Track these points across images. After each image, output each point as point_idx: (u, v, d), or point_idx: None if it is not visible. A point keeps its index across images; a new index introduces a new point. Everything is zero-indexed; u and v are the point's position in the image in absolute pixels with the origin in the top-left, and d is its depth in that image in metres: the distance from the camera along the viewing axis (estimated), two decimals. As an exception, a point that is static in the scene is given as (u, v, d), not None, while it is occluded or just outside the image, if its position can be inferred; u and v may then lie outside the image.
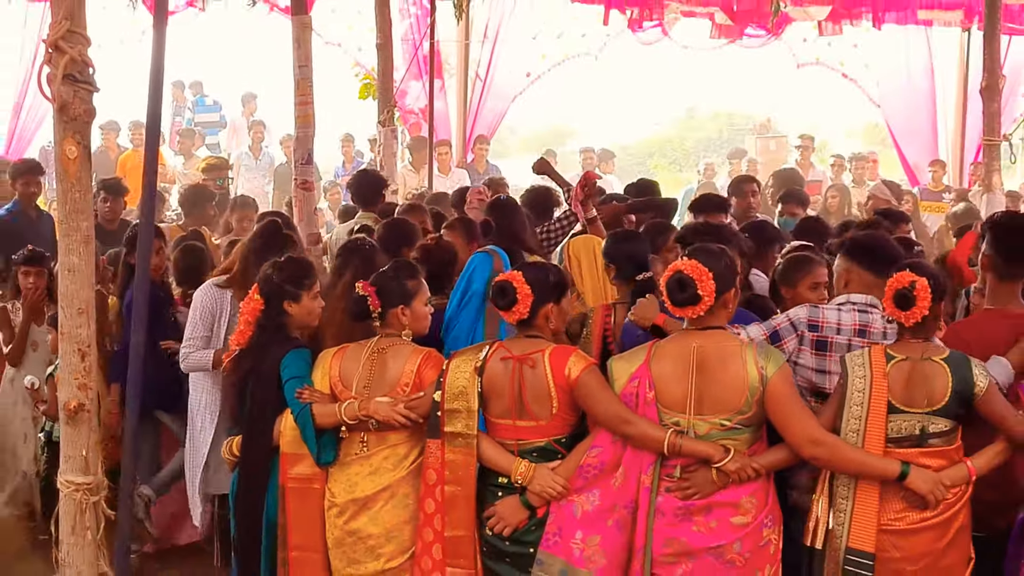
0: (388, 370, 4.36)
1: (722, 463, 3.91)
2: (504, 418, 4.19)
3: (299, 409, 4.28)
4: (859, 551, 4.15)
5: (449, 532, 4.16)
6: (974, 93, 11.38)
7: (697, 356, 4.01)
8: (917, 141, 14.67)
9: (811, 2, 12.84)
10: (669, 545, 4.03)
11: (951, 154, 14.00)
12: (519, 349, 4.18)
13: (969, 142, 13.09)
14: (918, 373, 4.09)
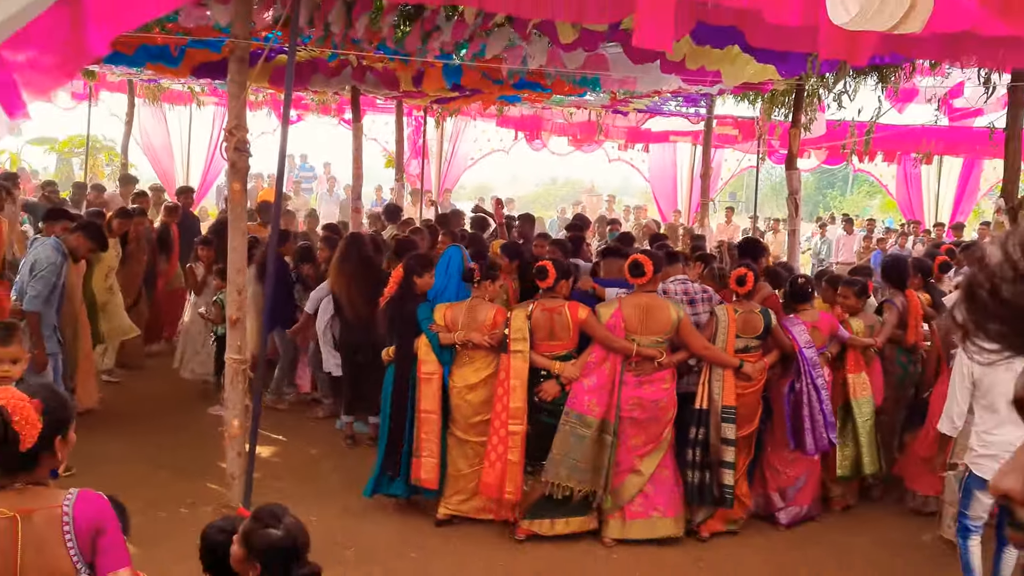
0: (477, 317, 5.57)
1: (657, 359, 5.47)
2: (543, 341, 5.52)
3: (432, 336, 5.54)
4: (728, 406, 5.63)
5: (513, 405, 5.41)
6: (696, 176, 15.82)
7: (644, 305, 5.47)
8: (666, 199, 19.36)
9: (616, 136, 17.40)
10: (633, 400, 5.49)
11: (684, 206, 18.51)
12: (550, 304, 5.54)
13: (693, 201, 17.27)
14: (748, 317, 5.74)
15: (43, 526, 2.37)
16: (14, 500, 2.36)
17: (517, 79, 8.54)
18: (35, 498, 2.40)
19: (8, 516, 2.32)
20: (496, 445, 5.47)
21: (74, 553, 2.39)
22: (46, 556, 2.36)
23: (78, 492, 2.46)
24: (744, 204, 23.84)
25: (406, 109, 14.76)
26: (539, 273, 5.53)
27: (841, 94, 8.28)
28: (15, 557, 2.32)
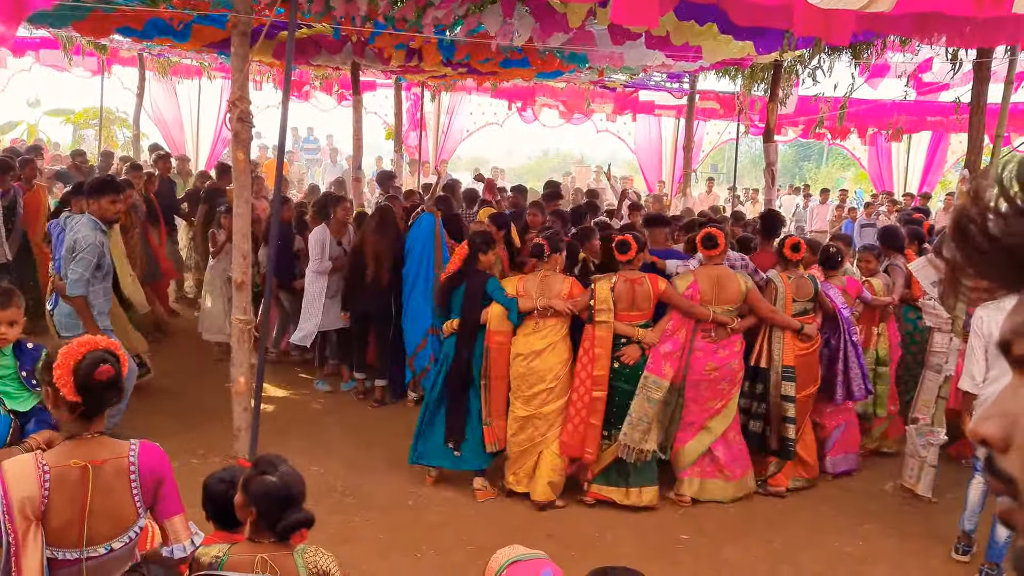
0: (552, 287, 5.59)
1: (730, 326, 5.68)
2: (624, 312, 5.55)
3: (511, 302, 5.57)
4: (787, 366, 5.83)
5: (596, 372, 5.49)
6: (679, 148, 15.80)
7: (716, 276, 5.67)
8: (651, 170, 19.30)
9: (604, 101, 16.83)
10: (710, 364, 5.66)
11: (669, 177, 18.46)
12: (631, 276, 5.59)
13: (676, 172, 17.11)
14: (800, 283, 5.97)
15: (111, 474, 2.48)
16: (85, 450, 2.46)
17: (504, 57, 8.44)
18: (103, 448, 2.51)
19: (81, 465, 2.42)
20: (580, 409, 5.51)
21: (138, 499, 2.53)
22: (113, 501, 2.48)
23: (139, 443, 2.58)
24: (725, 175, 23.77)
25: (404, 84, 14.73)
26: (621, 247, 5.54)
27: (815, 69, 8.24)
28: (85, 502, 2.41)
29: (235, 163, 5.47)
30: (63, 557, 2.41)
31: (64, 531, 2.41)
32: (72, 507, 2.41)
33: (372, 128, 17.54)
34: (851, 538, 5.39)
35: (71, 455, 2.45)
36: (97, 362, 2.42)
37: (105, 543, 2.48)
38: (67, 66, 14.25)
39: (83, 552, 2.44)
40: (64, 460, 2.43)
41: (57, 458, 2.44)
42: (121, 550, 2.53)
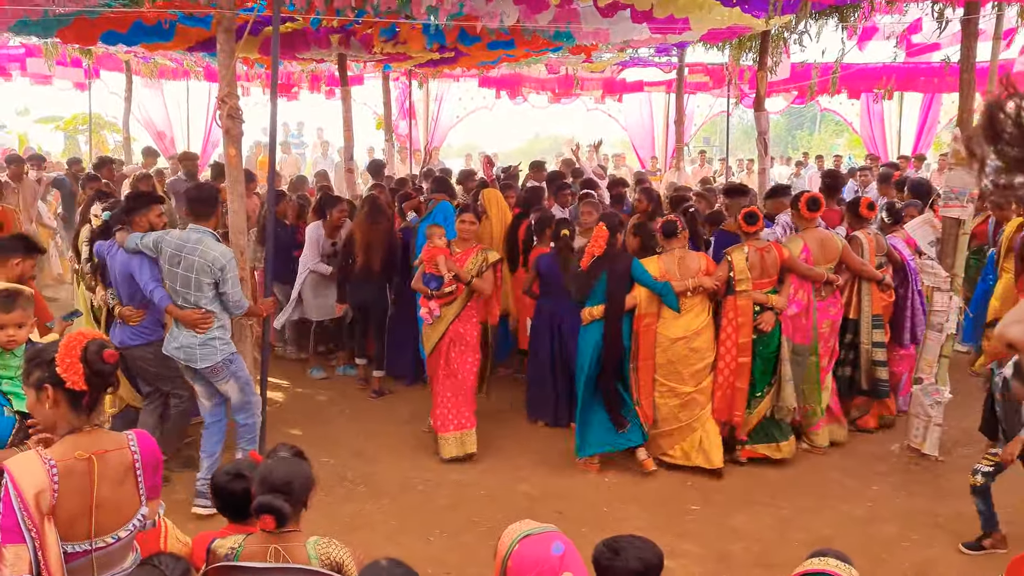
0: (691, 265, 5.76)
1: (836, 283, 6.11)
2: (757, 280, 5.80)
3: (663, 286, 5.66)
4: (876, 315, 6.32)
5: (741, 340, 5.76)
6: (671, 123, 15.37)
7: (820, 237, 6.08)
8: (643, 147, 19.34)
9: (593, 86, 17.25)
10: (824, 322, 6.11)
11: (661, 152, 18.42)
12: (759, 245, 5.84)
13: (669, 147, 16.74)
14: (877, 239, 6.36)
15: (116, 465, 2.52)
16: (87, 442, 2.49)
17: (491, 39, 8.39)
18: (104, 439, 2.54)
19: (86, 457, 2.45)
20: (728, 376, 5.78)
21: (141, 487, 2.58)
22: (118, 491, 2.52)
23: (135, 433, 2.62)
24: (717, 148, 23.77)
25: (392, 75, 14.66)
26: (749, 218, 5.81)
27: (802, 34, 8.20)
28: (92, 494, 2.45)
29: (227, 159, 5.48)
30: (73, 550, 2.43)
31: (73, 524, 2.44)
32: (80, 499, 2.44)
33: (362, 119, 17.45)
34: (860, 501, 5.42)
35: (75, 448, 2.47)
36: (101, 347, 2.46)
37: (112, 533, 2.51)
38: (51, 73, 14.24)
39: (92, 543, 2.47)
40: (68, 454, 2.45)
41: (61, 452, 2.46)
42: (127, 538, 2.56)
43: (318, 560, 2.69)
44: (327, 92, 17.12)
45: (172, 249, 4.98)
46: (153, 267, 5.15)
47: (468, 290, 5.92)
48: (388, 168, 13.71)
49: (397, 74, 15.19)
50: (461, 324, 5.99)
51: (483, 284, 5.90)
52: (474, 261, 5.90)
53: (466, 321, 6.01)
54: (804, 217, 6.05)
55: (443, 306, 5.95)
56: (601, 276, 5.64)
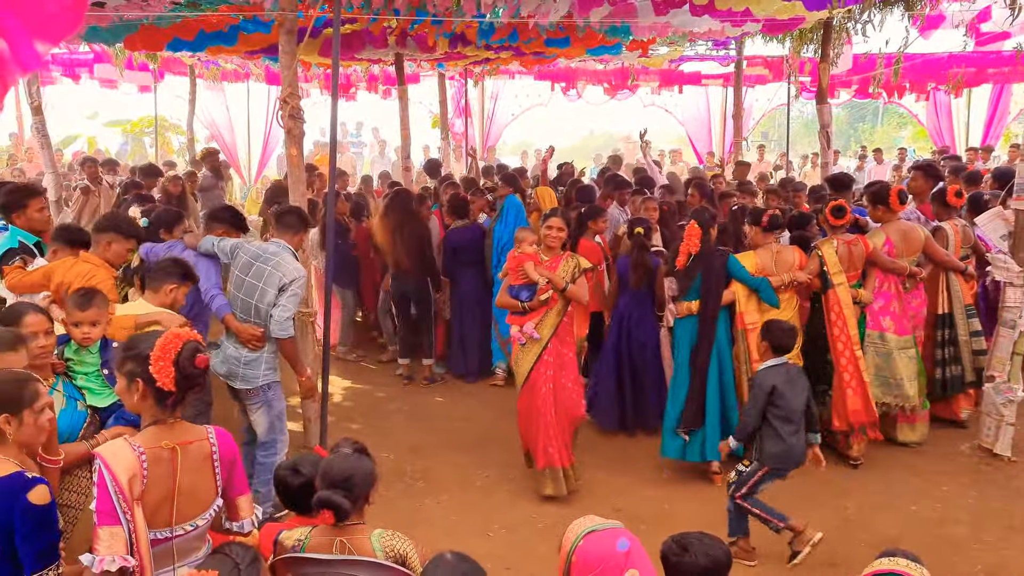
0: (786, 259, 5.75)
1: (919, 275, 6.03)
2: (844, 273, 5.78)
3: (760, 281, 5.61)
4: (968, 305, 6.35)
5: (851, 332, 5.67)
6: (729, 117, 15.57)
7: (903, 229, 5.99)
8: (701, 142, 19.21)
9: (650, 78, 17.05)
10: (907, 313, 5.96)
11: (718, 147, 18.26)
12: (846, 238, 5.84)
13: (726, 142, 16.98)
14: (965, 231, 6.40)
15: (197, 455, 2.63)
16: (171, 434, 2.60)
17: (547, 37, 8.39)
18: (186, 431, 2.65)
19: (171, 446, 2.56)
20: (853, 373, 5.63)
21: (218, 478, 2.67)
22: (198, 481, 2.62)
23: (214, 428, 2.73)
24: (776, 142, 23.30)
25: (447, 73, 14.72)
26: (837, 211, 5.76)
27: (866, 24, 7.99)
28: (175, 482, 2.55)
29: (288, 159, 5.58)
30: (155, 536, 2.53)
31: (157, 511, 2.54)
32: (164, 487, 2.54)
33: (418, 118, 17.51)
34: (928, 501, 5.28)
35: (159, 438, 2.57)
36: (195, 352, 2.56)
37: (191, 521, 2.61)
38: (119, 78, 14.68)
39: (172, 531, 2.57)
40: (154, 443, 2.56)
41: (147, 440, 2.56)
42: (203, 527, 2.67)
43: (383, 552, 2.73)
44: (384, 92, 17.34)
45: (248, 256, 4.91)
46: (218, 273, 5.09)
47: (563, 301, 5.32)
48: (444, 167, 13.85)
49: (453, 72, 15.24)
50: (559, 342, 5.37)
51: (579, 291, 5.32)
52: (565, 267, 5.33)
53: (563, 339, 5.40)
54: (892, 210, 5.92)
55: (537, 323, 5.31)
56: (697, 274, 5.55)
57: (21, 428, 2.63)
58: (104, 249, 4.56)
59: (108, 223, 4.70)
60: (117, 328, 3.84)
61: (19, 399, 2.62)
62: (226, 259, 5.05)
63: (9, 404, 2.61)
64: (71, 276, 4.29)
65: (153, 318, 4.08)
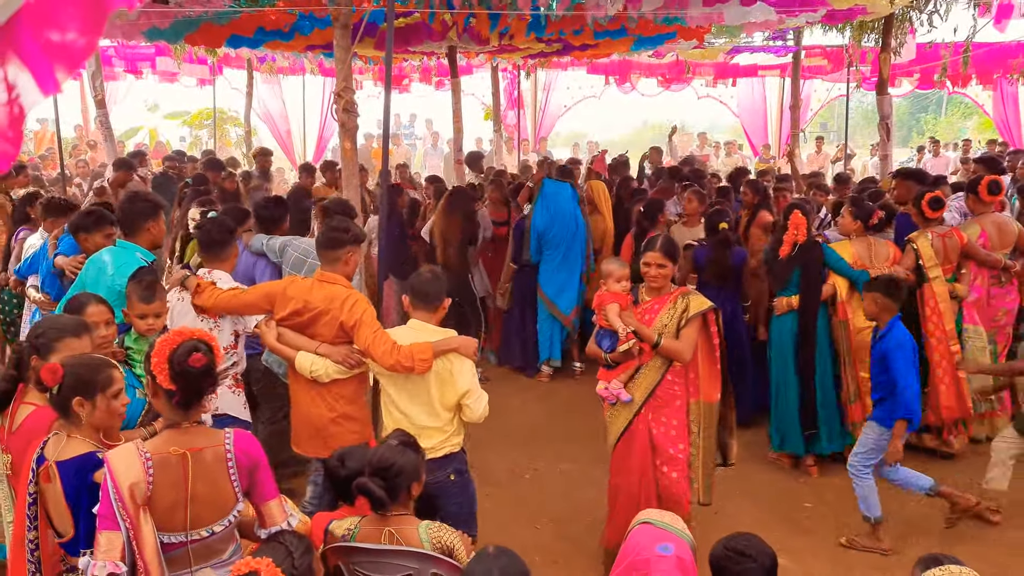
0: (880, 252, 5.66)
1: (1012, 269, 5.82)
2: (941, 265, 5.64)
3: (860, 273, 5.44)
4: None
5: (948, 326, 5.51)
6: (785, 109, 16.24)
7: (998, 223, 5.89)
8: (756, 133, 18.96)
9: (704, 71, 16.93)
10: (1001, 310, 5.84)
11: (774, 140, 18.19)
12: (941, 231, 5.73)
13: (783, 134, 17.06)
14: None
15: (211, 461, 2.59)
16: (184, 439, 2.58)
17: (601, 29, 8.36)
18: (200, 436, 2.62)
19: (180, 452, 2.54)
20: (947, 369, 5.47)
21: (236, 484, 2.62)
22: (213, 487, 2.58)
23: (234, 431, 2.69)
24: (835, 133, 22.83)
25: (499, 65, 14.86)
26: (934, 203, 5.63)
27: (932, 14, 7.77)
28: (186, 488, 2.54)
29: (343, 152, 5.64)
30: (169, 540, 2.56)
31: (169, 516, 2.55)
32: (175, 492, 2.54)
33: (471, 110, 17.45)
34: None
35: (170, 443, 2.58)
36: (190, 350, 2.53)
37: (207, 527, 2.61)
38: (178, 70, 15.03)
39: (188, 535, 2.59)
40: (164, 448, 2.57)
41: (157, 446, 2.58)
42: (223, 532, 2.66)
43: (430, 543, 2.79)
44: (437, 83, 17.44)
45: (298, 253, 4.89)
46: (275, 272, 5.03)
47: (663, 356, 4.19)
48: (496, 159, 14.00)
49: (506, 64, 15.31)
50: (659, 409, 4.23)
51: (679, 346, 4.09)
52: (670, 313, 4.15)
53: (666, 404, 4.23)
54: (983, 201, 5.84)
55: (627, 380, 4.25)
56: (797, 266, 5.49)
57: (94, 412, 2.71)
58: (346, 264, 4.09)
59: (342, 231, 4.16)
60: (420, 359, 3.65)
61: (93, 383, 2.71)
62: (275, 258, 5.04)
63: (84, 388, 2.69)
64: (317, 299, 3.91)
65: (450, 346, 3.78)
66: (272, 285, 4.15)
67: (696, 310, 4.11)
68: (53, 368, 2.69)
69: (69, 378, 2.68)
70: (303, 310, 3.89)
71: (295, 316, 3.91)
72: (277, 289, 4.03)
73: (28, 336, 3.15)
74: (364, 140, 17.20)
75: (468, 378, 3.78)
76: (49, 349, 3.01)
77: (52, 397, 2.72)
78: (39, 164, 13.10)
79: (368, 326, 3.76)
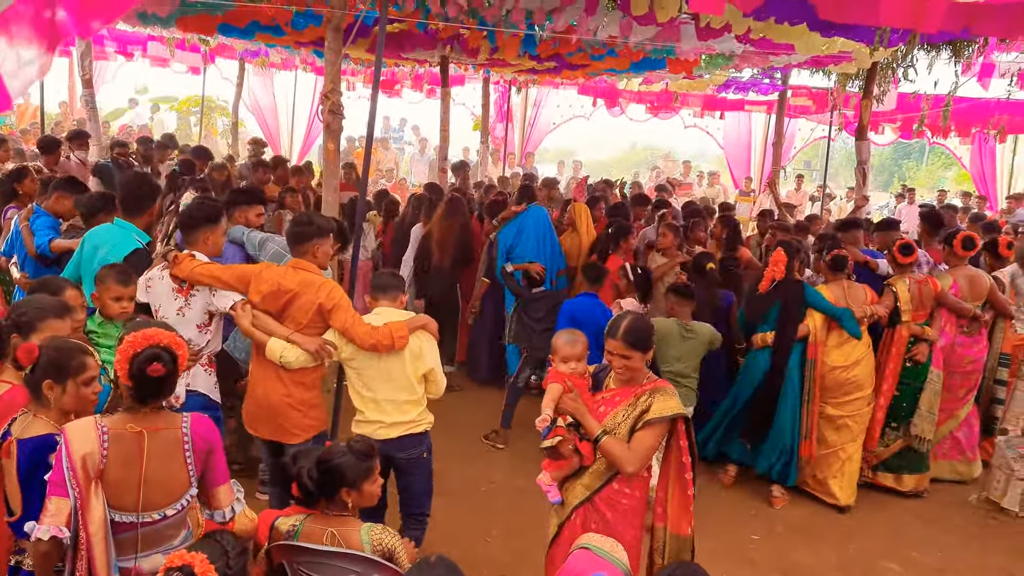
0: (856, 293, 5.69)
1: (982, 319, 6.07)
2: (914, 312, 5.86)
3: (843, 311, 5.57)
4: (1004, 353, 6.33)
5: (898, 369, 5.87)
6: (769, 144, 15.28)
7: (970, 275, 6.06)
8: (739, 166, 19.17)
9: (692, 101, 16.94)
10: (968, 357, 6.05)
11: (756, 173, 18.33)
12: (916, 278, 5.88)
13: (765, 169, 17.03)
14: None
15: (166, 442, 2.64)
16: (142, 420, 2.64)
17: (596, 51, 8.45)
18: (158, 418, 2.67)
19: (137, 431, 2.59)
20: (879, 407, 5.83)
21: (191, 467, 2.67)
22: (167, 469, 2.63)
23: (191, 415, 2.76)
24: (818, 172, 23.12)
25: (492, 78, 14.76)
26: (904, 250, 5.84)
27: (908, 68, 7.96)
28: (141, 467, 2.58)
29: (325, 153, 5.63)
30: (120, 520, 2.60)
31: (121, 493, 2.59)
32: (128, 470, 2.58)
33: (460, 119, 17.58)
34: (931, 549, 5.26)
35: (128, 421, 2.64)
36: (151, 359, 2.57)
37: (159, 509, 2.65)
38: (169, 57, 14.91)
39: (139, 517, 2.62)
40: (121, 425, 2.63)
41: (115, 422, 2.64)
42: (174, 517, 2.69)
43: (371, 546, 2.82)
44: (428, 91, 17.39)
45: (278, 247, 4.90)
46: (244, 260, 4.98)
47: None
48: (482, 170, 14.08)
49: (498, 78, 15.34)
50: (598, 522, 3.33)
51: (622, 452, 3.22)
52: (628, 410, 3.28)
53: (610, 521, 3.32)
54: (957, 255, 6.04)
55: (562, 479, 3.43)
56: (776, 302, 5.60)
57: (63, 396, 2.75)
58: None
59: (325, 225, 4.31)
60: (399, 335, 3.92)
61: (66, 368, 2.75)
62: (253, 251, 5.06)
63: (56, 371, 2.73)
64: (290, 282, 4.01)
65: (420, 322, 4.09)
66: (248, 267, 4.23)
67: (658, 414, 3.23)
68: (29, 348, 2.74)
69: (43, 360, 2.72)
70: (278, 293, 3.98)
71: (270, 299, 4.00)
72: (252, 271, 4.11)
73: (9, 314, 3.18)
74: (347, 144, 17.32)
75: (434, 355, 4.13)
76: (31, 328, 3.05)
77: (26, 376, 2.76)
78: (19, 138, 12.96)
79: (346, 310, 3.95)
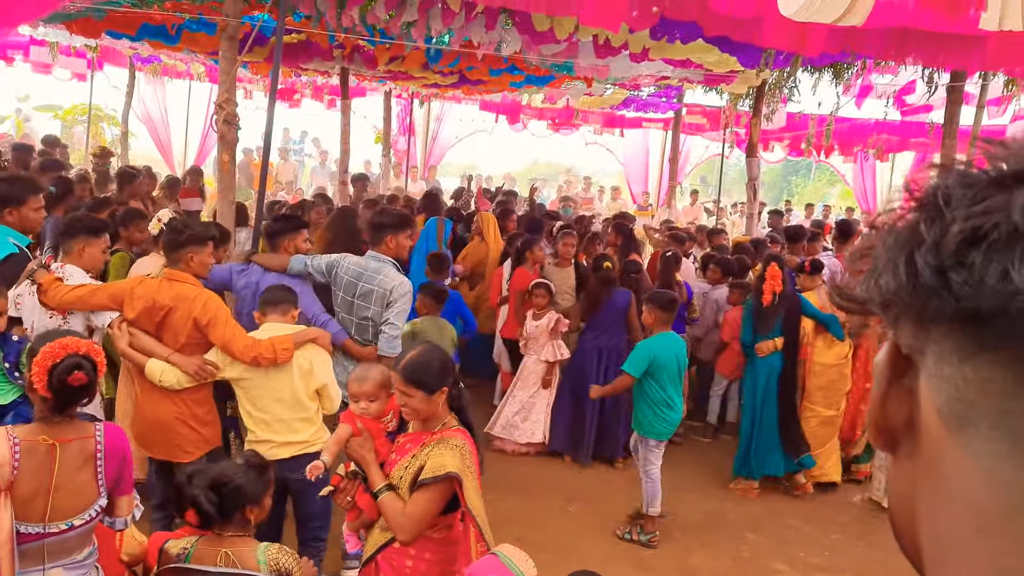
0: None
1: None
2: None
3: (830, 317, 6.08)
4: None
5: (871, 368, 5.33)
6: (666, 161, 16.33)
7: None
8: (637, 182, 19.57)
9: (593, 119, 17.54)
10: None
11: (654, 188, 18.64)
12: None
13: (663, 184, 17.08)
14: None
15: (78, 453, 2.59)
16: (54, 429, 2.58)
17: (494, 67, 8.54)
18: (71, 428, 2.62)
19: (49, 442, 2.54)
20: (856, 401, 6.35)
21: (101, 478, 2.63)
22: (78, 479, 2.58)
23: (104, 425, 2.70)
24: (713, 187, 23.90)
25: (395, 91, 14.91)
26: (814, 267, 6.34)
27: (792, 88, 8.37)
28: (51, 477, 2.52)
29: (220, 165, 5.50)
30: (26, 531, 2.51)
31: (29, 504, 2.51)
32: (39, 480, 2.52)
33: (361, 132, 17.82)
34: (818, 549, 5.48)
35: (40, 432, 2.57)
36: (72, 368, 2.51)
37: (67, 520, 2.58)
38: (52, 62, 14.26)
39: (45, 527, 2.54)
40: (33, 435, 2.55)
41: (26, 432, 2.56)
42: (81, 528, 2.62)
43: (267, 566, 2.73)
44: (328, 102, 17.25)
45: (350, 276, 4.58)
46: (315, 295, 4.65)
47: None
48: (383, 183, 14.05)
49: (399, 91, 15.31)
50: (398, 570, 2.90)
51: (395, 515, 2.78)
52: (411, 461, 2.83)
53: (394, 574, 2.91)
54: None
55: (360, 527, 3.07)
56: (780, 312, 6.01)
57: None
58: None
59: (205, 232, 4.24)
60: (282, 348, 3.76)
61: None
62: (322, 279, 4.66)
63: None
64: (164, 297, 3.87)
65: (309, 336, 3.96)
66: (119, 284, 4.10)
67: (431, 474, 2.72)
68: None
69: None
70: (153, 309, 3.87)
71: (145, 316, 3.88)
72: (125, 288, 3.97)
73: None
74: (244, 155, 16.83)
75: (327, 371, 3.91)
76: None
77: None
78: None
79: (223, 323, 3.79)
